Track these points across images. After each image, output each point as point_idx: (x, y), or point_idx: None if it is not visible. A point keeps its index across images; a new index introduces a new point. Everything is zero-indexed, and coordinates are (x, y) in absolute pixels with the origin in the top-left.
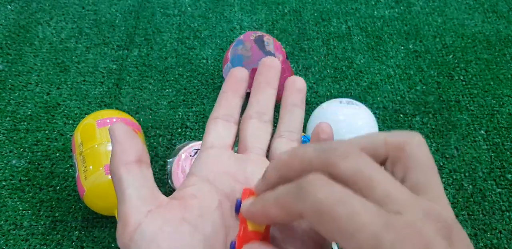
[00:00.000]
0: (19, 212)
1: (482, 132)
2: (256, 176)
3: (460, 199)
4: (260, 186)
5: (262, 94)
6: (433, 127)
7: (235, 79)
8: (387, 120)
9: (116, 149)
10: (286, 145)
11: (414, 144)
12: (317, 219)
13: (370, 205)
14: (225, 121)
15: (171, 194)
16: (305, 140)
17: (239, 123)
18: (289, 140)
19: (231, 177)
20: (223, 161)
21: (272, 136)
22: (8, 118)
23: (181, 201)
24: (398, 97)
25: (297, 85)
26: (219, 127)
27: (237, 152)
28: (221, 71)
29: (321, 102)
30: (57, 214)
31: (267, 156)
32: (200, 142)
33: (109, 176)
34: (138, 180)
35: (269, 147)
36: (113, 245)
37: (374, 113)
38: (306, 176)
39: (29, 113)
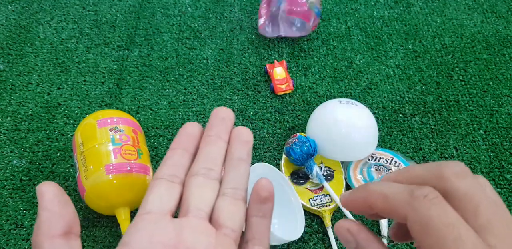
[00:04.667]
0: (20, 211)
1: (481, 132)
2: (197, 246)
3: None
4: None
5: (211, 148)
6: (433, 127)
7: (186, 135)
8: (387, 120)
9: (43, 217)
10: (230, 205)
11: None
12: (421, 229)
13: (474, 234)
14: (169, 182)
15: None
16: (305, 141)
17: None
18: (233, 198)
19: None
20: (159, 230)
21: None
22: (9, 118)
23: None
24: (398, 97)
25: (244, 137)
26: (162, 189)
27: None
28: (221, 71)
29: (321, 102)
30: None
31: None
32: None
33: (110, 176)
34: None
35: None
36: (113, 244)
37: (374, 113)
38: (422, 186)
39: (30, 113)
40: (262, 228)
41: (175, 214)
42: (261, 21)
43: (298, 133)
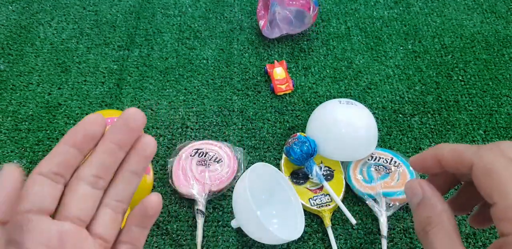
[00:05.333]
0: None
1: (480, 132)
2: None
3: None
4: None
5: (108, 158)
6: (432, 127)
7: (86, 134)
8: (386, 120)
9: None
10: (109, 219)
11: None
12: (485, 173)
13: None
14: (52, 182)
15: (172, 194)
16: (304, 141)
17: None
18: (114, 212)
19: None
20: (46, 232)
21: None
22: (9, 118)
23: None
24: (397, 97)
25: (147, 152)
26: (44, 189)
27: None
28: (221, 71)
29: (321, 102)
30: None
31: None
32: (200, 142)
33: None
34: None
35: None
36: None
37: (374, 113)
38: (484, 145)
39: (30, 113)
40: (141, 237)
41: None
42: (261, 23)
43: (298, 133)
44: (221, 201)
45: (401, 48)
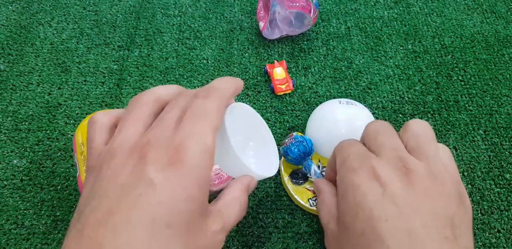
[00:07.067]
0: (20, 211)
1: (480, 132)
2: None
3: None
4: None
5: None
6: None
7: None
8: (386, 120)
9: None
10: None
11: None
12: (335, 152)
13: (362, 148)
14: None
15: None
16: (301, 140)
17: None
18: None
19: None
20: None
21: None
22: (9, 118)
23: None
24: (397, 97)
25: None
26: None
27: None
28: (221, 71)
29: (321, 102)
30: (58, 214)
31: None
32: None
33: None
34: None
35: None
36: None
37: (373, 113)
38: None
39: (30, 113)
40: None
41: None
42: (261, 25)
43: (294, 133)
44: None
45: (401, 48)
